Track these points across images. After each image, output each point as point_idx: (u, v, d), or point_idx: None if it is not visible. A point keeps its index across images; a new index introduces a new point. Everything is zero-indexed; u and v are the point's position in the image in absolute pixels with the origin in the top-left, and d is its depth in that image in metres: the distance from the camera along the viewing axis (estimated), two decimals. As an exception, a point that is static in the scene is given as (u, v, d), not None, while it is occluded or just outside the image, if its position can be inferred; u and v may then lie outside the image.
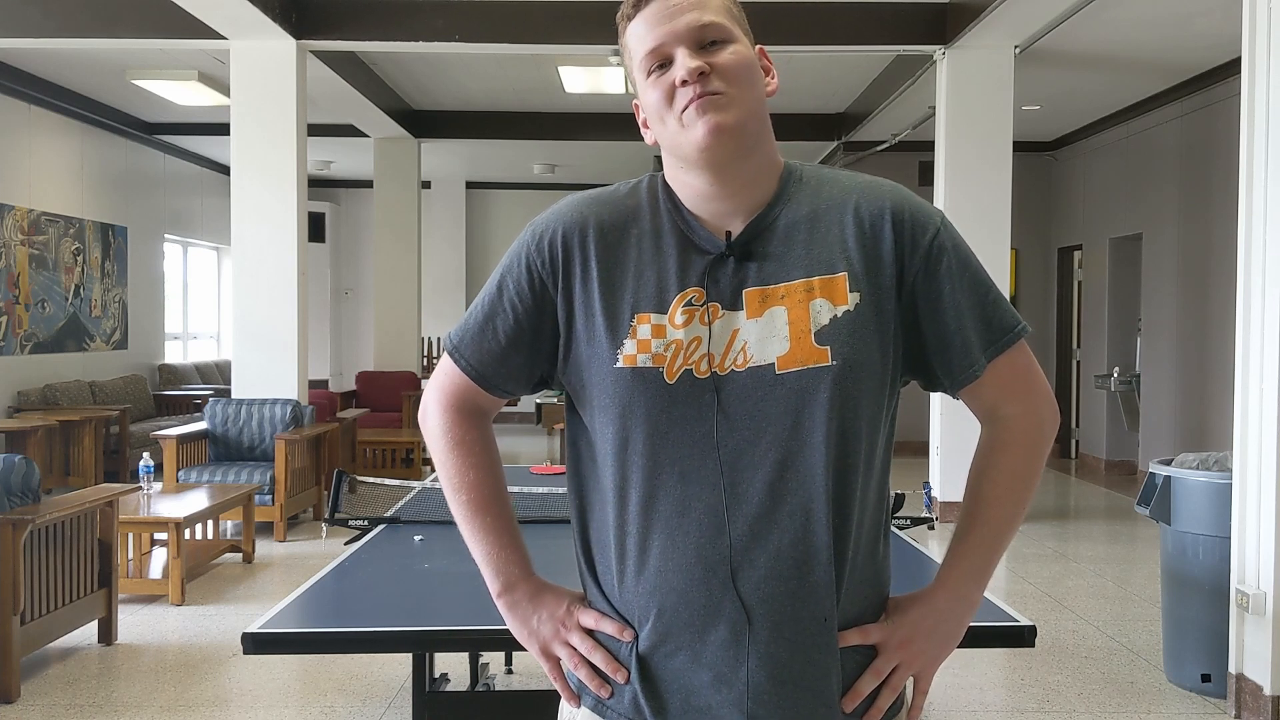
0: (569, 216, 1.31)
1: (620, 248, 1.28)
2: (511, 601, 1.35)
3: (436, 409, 1.39)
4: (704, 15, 1.24)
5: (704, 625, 1.22)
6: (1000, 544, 1.34)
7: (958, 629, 1.34)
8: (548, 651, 1.33)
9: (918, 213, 1.29)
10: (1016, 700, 3.95)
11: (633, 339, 1.24)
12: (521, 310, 1.31)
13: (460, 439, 1.37)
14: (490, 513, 1.37)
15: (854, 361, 1.23)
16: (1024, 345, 1.33)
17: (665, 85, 1.24)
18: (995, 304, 1.31)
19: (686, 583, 1.22)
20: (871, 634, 1.28)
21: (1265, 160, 3.74)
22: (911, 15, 6.94)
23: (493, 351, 1.33)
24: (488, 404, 1.39)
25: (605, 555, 1.30)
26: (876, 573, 1.31)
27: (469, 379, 1.36)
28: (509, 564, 1.36)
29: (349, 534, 3.21)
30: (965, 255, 1.31)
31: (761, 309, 1.24)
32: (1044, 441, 1.36)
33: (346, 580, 2.62)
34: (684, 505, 1.23)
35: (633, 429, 1.24)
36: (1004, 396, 1.34)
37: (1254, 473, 3.76)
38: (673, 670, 1.24)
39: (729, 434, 1.22)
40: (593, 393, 1.27)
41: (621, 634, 1.27)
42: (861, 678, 1.27)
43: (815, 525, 1.22)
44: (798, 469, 1.22)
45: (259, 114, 7.00)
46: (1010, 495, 1.34)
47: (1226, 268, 7.38)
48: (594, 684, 1.29)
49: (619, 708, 1.28)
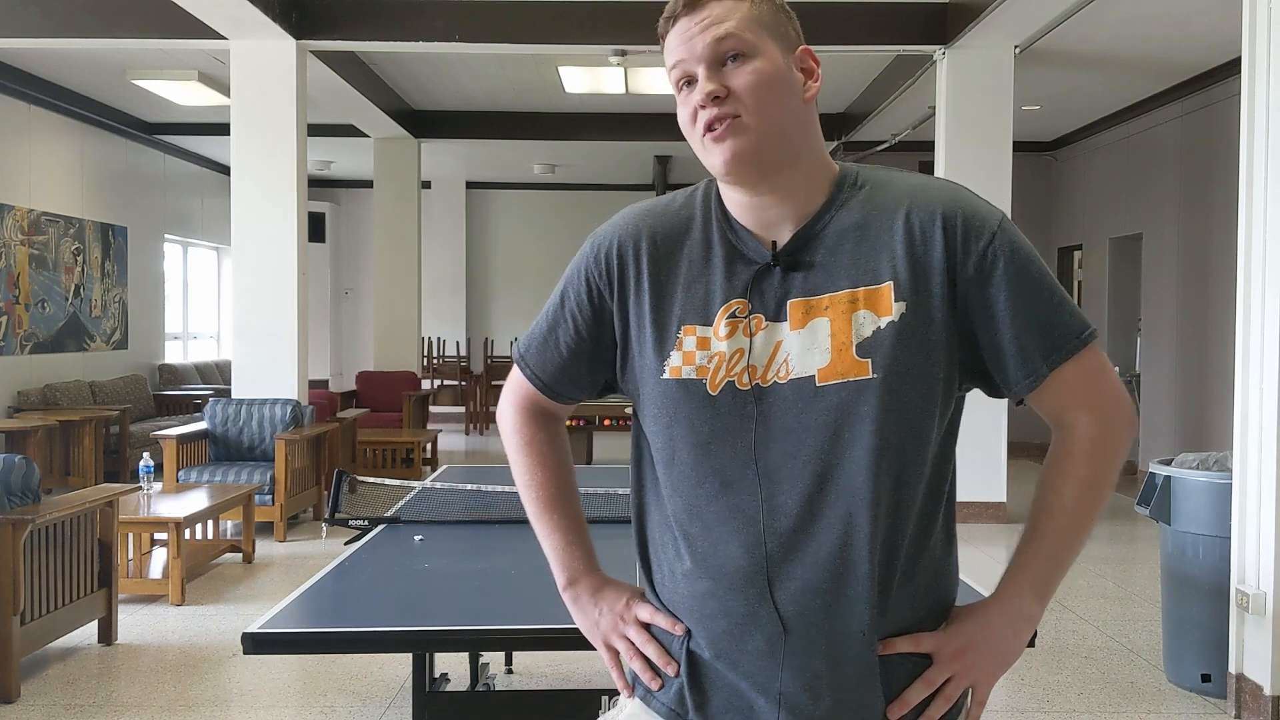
0: (624, 229, 1.34)
1: (671, 260, 1.30)
2: (575, 595, 1.40)
3: (510, 410, 1.46)
4: (723, 29, 1.22)
5: (741, 634, 1.24)
6: (1064, 556, 1.30)
7: (1014, 643, 1.30)
8: (608, 643, 1.37)
9: (971, 217, 1.24)
10: (1016, 700, 3.95)
11: (679, 350, 1.27)
12: (581, 321, 1.35)
13: (530, 439, 1.44)
14: (557, 510, 1.42)
15: (897, 373, 1.21)
16: (1093, 350, 1.28)
17: (690, 105, 1.25)
18: (1058, 309, 1.26)
19: (725, 591, 1.24)
20: (924, 643, 1.26)
21: (1265, 160, 3.74)
22: (911, 15, 6.94)
23: (555, 361, 1.39)
24: (556, 408, 1.46)
25: (658, 555, 1.33)
26: (935, 580, 1.29)
27: (534, 387, 1.42)
28: (573, 559, 1.41)
29: (349, 534, 3.21)
30: (1025, 260, 1.25)
31: (805, 320, 1.24)
32: (1114, 449, 1.30)
33: (346, 580, 2.62)
34: (724, 515, 1.24)
35: (678, 438, 1.27)
36: (1069, 403, 1.29)
37: (1254, 473, 3.76)
38: (716, 670, 1.27)
39: (768, 446, 1.23)
40: (645, 402, 1.31)
41: (674, 628, 1.30)
42: (911, 687, 1.26)
43: (854, 539, 1.21)
44: (837, 482, 1.21)
45: (259, 114, 6.99)
46: (1076, 505, 1.28)
47: (1226, 268, 7.38)
48: (646, 675, 1.33)
49: (665, 699, 1.31)
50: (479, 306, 14.34)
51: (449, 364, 12.64)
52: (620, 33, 7.04)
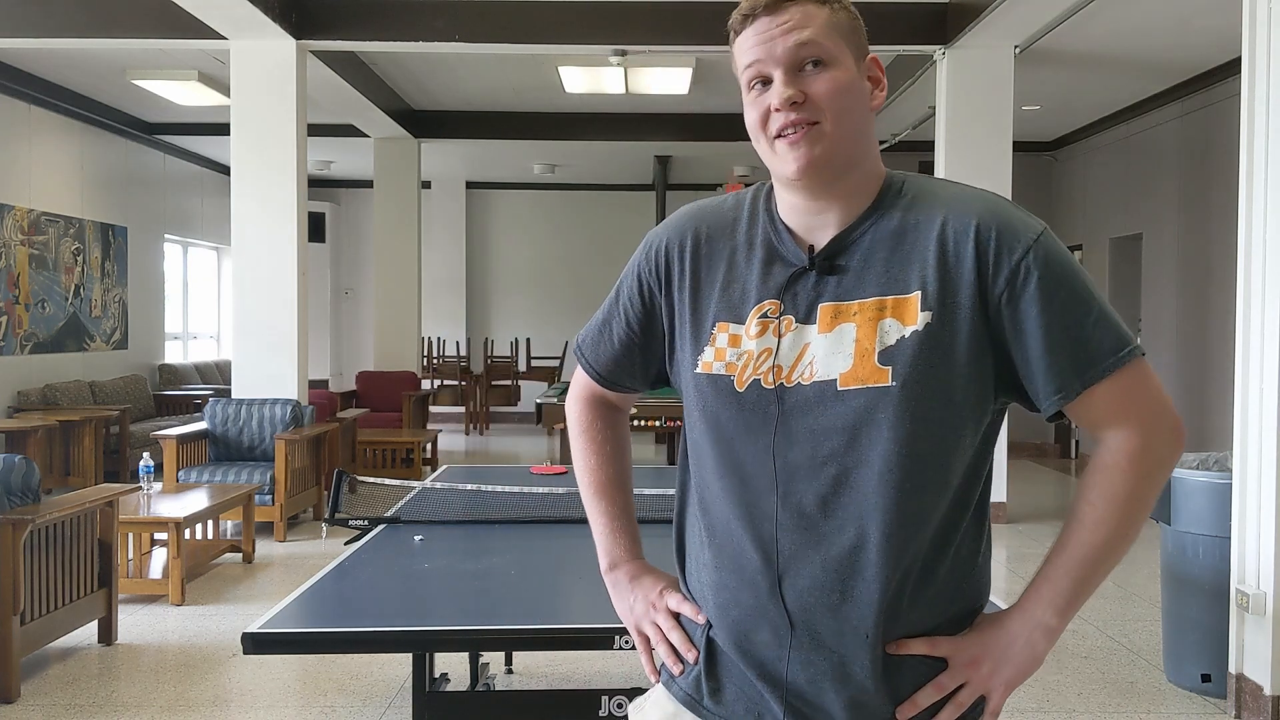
0: (675, 228, 1.39)
1: (714, 258, 1.34)
2: (615, 580, 1.46)
3: (573, 400, 1.54)
4: (805, 35, 1.22)
5: (752, 626, 1.28)
6: (1092, 572, 1.27)
7: (1032, 655, 1.29)
8: (639, 629, 1.42)
9: (1005, 230, 1.23)
10: (1016, 700, 3.95)
11: (711, 346, 1.31)
12: (633, 316, 1.42)
13: (586, 428, 1.52)
14: (605, 497, 1.49)
15: (916, 383, 1.21)
16: (1134, 367, 1.24)
17: (762, 107, 1.26)
18: (1097, 325, 1.23)
19: (738, 583, 1.28)
20: (940, 646, 1.27)
21: (1265, 160, 3.74)
22: (911, 15, 6.94)
23: (608, 352, 1.46)
24: (615, 398, 1.52)
25: (689, 545, 1.38)
26: (959, 587, 1.29)
27: (589, 376, 1.49)
28: (616, 545, 1.47)
29: (349, 534, 3.21)
30: (1061, 274, 1.23)
31: (833, 325, 1.25)
32: (1154, 466, 1.27)
33: (346, 580, 2.62)
34: (743, 510, 1.28)
35: (707, 432, 1.31)
36: (1107, 419, 1.26)
37: (1254, 473, 3.76)
38: (731, 660, 1.31)
39: (788, 445, 1.25)
40: (684, 396, 1.36)
41: (697, 617, 1.35)
42: (922, 690, 1.26)
43: (865, 542, 1.22)
44: (852, 485, 1.22)
45: (259, 114, 6.99)
46: (1108, 521, 1.26)
47: (1226, 268, 7.38)
48: (670, 660, 1.38)
49: (684, 684, 1.36)
50: (479, 306, 14.34)
51: (449, 364, 12.64)
52: (620, 33, 7.04)
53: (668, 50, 7.32)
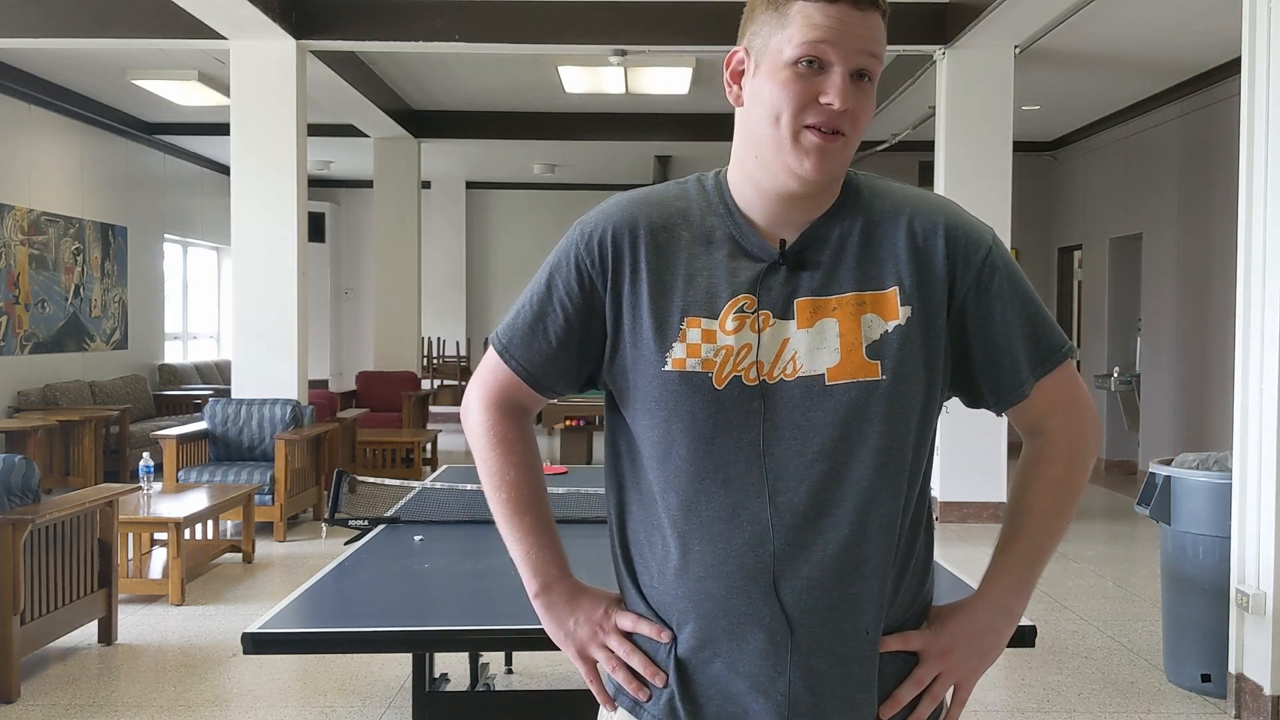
0: (618, 216, 1.29)
1: (670, 249, 1.27)
2: (548, 603, 1.35)
3: (479, 406, 1.38)
4: (875, 47, 1.21)
5: (742, 633, 1.22)
6: (1042, 556, 1.34)
7: (998, 640, 1.34)
8: (584, 654, 1.33)
9: (970, 231, 1.28)
10: (1016, 700, 3.95)
11: (682, 343, 1.24)
12: (572, 310, 1.30)
13: (503, 437, 1.36)
14: (530, 513, 1.36)
15: (903, 377, 1.23)
16: (1070, 361, 1.33)
17: (809, 92, 1.19)
18: (1043, 323, 1.31)
19: (726, 590, 1.22)
20: (913, 641, 1.28)
21: (1265, 160, 3.74)
22: (911, 15, 6.94)
23: (543, 351, 1.32)
24: (531, 402, 1.38)
25: (644, 556, 1.29)
26: (923, 579, 1.32)
27: (519, 379, 1.35)
28: (546, 564, 1.35)
29: (349, 534, 3.21)
30: (1016, 275, 1.30)
31: (813, 320, 1.24)
32: (1087, 454, 1.35)
33: (346, 580, 2.62)
34: (726, 512, 1.22)
35: (677, 433, 1.24)
36: (1048, 412, 1.34)
37: (1254, 473, 3.76)
38: (710, 675, 1.25)
39: (776, 442, 1.22)
40: (637, 395, 1.27)
41: (660, 635, 1.27)
42: (902, 686, 1.27)
43: (860, 537, 1.22)
44: (844, 480, 1.22)
45: (259, 114, 6.99)
46: (1053, 507, 1.33)
47: (1226, 268, 7.37)
48: (632, 687, 1.29)
49: (655, 710, 1.28)
50: (479, 306, 14.34)
51: (449, 364, 12.64)
52: (620, 33, 7.04)
53: (668, 50, 7.33)
